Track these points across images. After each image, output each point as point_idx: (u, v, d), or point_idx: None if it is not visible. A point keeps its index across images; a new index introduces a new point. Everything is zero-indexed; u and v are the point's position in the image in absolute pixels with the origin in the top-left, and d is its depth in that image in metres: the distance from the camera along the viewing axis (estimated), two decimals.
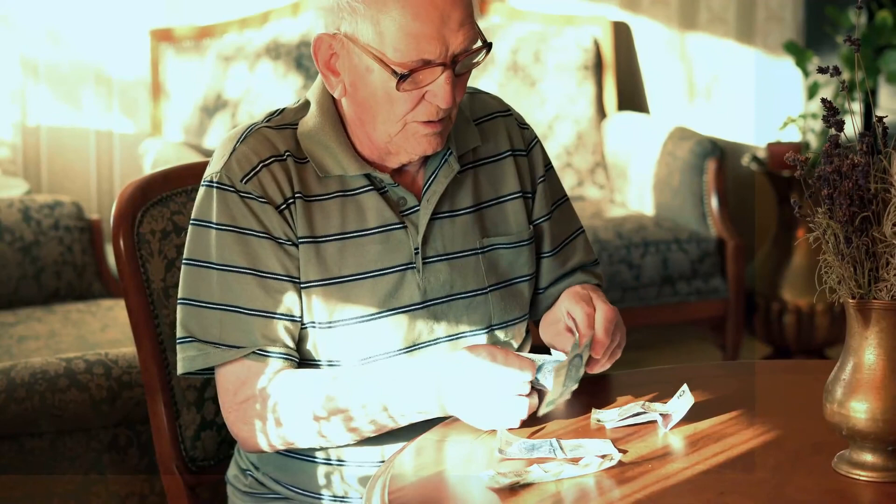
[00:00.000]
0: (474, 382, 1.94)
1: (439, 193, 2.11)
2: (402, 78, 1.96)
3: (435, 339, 2.10)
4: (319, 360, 2.09)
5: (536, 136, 2.26)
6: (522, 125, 2.25)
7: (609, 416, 1.97)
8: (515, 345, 2.19)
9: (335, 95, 2.07)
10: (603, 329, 2.04)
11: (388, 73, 1.97)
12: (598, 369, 2.06)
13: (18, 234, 3.92)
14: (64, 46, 4.72)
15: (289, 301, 2.06)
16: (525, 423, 1.95)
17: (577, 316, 2.06)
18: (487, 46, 2.02)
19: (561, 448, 1.87)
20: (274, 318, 2.05)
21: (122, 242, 2.25)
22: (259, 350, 2.04)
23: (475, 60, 2.02)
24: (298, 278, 2.06)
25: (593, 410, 2.00)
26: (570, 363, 1.95)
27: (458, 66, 1.99)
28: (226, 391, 2.07)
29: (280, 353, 2.05)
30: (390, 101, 2.00)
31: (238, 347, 2.05)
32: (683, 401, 1.97)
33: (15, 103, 4.70)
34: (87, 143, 4.80)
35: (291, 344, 2.07)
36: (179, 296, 2.09)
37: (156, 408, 2.28)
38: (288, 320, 2.06)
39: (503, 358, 1.94)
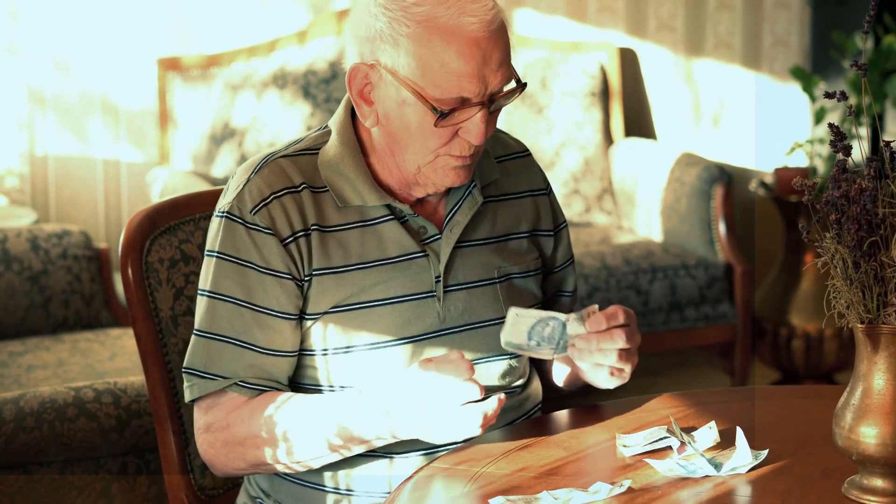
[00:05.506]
0: (417, 399, 1.91)
1: (463, 224, 2.12)
2: (441, 116, 1.97)
3: None
4: (325, 387, 2.08)
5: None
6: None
7: (634, 441, 1.96)
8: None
9: (367, 125, 2.07)
10: (613, 311, 2.01)
11: (425, 109, 1.97)
12: (609, 383, 2.05)
13: (27, 264, 3.92)
14: (71, 76, 4.74)
15: (282, 337, 2.06)
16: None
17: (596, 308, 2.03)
18: (522, 86, 2.03)
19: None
20: (263, 353, 2.05)
21: (130, 271, 2.26)
22: (241, 382, 2.05)
23: (509, 99, 2.03)
24: (295, 314, 2.06)
25: (617, 436, 1.99)
26: (541, 320, 1.99)
27: (493, 105, 2.00)
28: (197, 411, 2.10)
29: (265, 387, 2.06)
30: (424, 135, 2.01)
31: (221, 378, 2.05)
32: (708, 435, 1.95)
33: (22, 133, 4.71)
34: (95, 172, 4.81)
35: (280, 379, 2.07)
36: None
37: (165, 436, 2.28)
38: (278, 356, 2.06)
39: (436, 367, 1.91)
